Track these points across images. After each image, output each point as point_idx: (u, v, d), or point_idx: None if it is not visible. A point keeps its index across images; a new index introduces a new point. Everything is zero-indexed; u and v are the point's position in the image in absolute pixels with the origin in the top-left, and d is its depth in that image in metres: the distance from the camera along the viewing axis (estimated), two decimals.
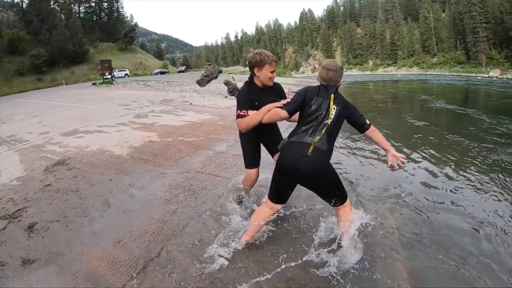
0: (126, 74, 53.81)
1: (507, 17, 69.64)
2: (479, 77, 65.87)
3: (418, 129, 9.43)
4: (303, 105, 2.97)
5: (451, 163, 5.93)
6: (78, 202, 4.13)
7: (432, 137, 8.12)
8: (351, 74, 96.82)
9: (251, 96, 3.39)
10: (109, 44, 76.41)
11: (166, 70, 70.39)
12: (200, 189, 4.49)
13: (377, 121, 4.41)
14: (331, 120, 2.86)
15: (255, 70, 3.45)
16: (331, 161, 2.96)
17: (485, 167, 5.84)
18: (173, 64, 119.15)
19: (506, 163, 6.22)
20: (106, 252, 3.10)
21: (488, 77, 66.98)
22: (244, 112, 3.26)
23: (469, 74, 73.09)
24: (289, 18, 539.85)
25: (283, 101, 3.06)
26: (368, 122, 3.04)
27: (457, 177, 5.31)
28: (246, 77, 3.62)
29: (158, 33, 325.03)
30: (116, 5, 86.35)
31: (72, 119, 9.69)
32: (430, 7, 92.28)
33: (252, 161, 3.79)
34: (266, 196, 3.13)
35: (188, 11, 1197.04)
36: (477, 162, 6.11)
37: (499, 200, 4.35)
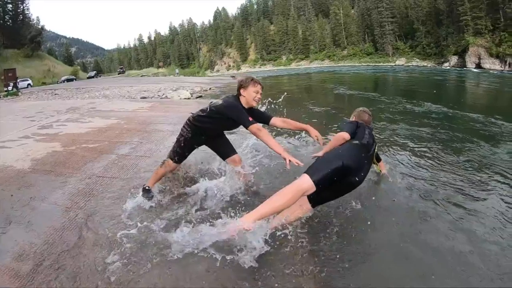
0: (29, 84, 49.43)
1: (411, 12, 76.81)
2: (388, 66, 71.18)
3: (316, 114, 10.22)
4: (357, 128, 3.67)
5: None
6: None
7: (328, 120, 8.82)
8: (266, 70, 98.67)
9: (244, 110, 3.76)
10: (13, 51, 69.65)
11: (74, 77, 66.27)
12: (100, 192, 4.62)
13: (280, 110, 4.77)
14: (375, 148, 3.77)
15: (241, 91, 3.85)
16: None
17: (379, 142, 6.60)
18: (84, 70, 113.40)
19: (396, 137, 7.06)
20: (8, 267, 3.12)
21: (395, 65, 72.84)
22: (252, 119, 3.63)
23: (377, 64, 78.73)
24: (203, 17, 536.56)
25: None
26: None
27: None
28: (161, 79, 3.82)
29: (68, 36, 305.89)
30: (22, 7, 76.60)
31: None
32: (340, 4, 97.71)
33: (181, 158, 4.21)
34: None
35: (99, 12, 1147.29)
36: None
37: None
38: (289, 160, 3.23)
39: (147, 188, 4.23)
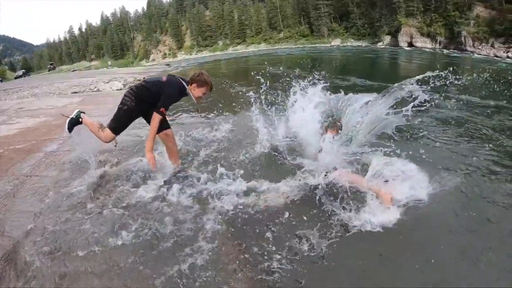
0: None
1: None
2: (324, 47, 73.35)
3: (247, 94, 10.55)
4: None
5: None
6: None
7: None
8: (203, 55, 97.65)
9: (175, 100, 4.31)
10: None
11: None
12: (29, 193, 4.58)
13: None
14: None
15: (194, 85, 4.24)
16: None
17: None
18: (12, 69, 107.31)
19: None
20: None
21: (331, 46, 74.70)
22: (164, 111, 4.10)
23: (313, 45, 79.92)
24: (137, 5, 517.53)
25: None
26: None
27: None
28: (93, 72, 3.83)
29: None
30: None
31: None
32: None
33: (121, 130, 4.51)
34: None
35: (25, 5, 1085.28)
36: None
37: None
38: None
39: (80, 119, 4.81)
